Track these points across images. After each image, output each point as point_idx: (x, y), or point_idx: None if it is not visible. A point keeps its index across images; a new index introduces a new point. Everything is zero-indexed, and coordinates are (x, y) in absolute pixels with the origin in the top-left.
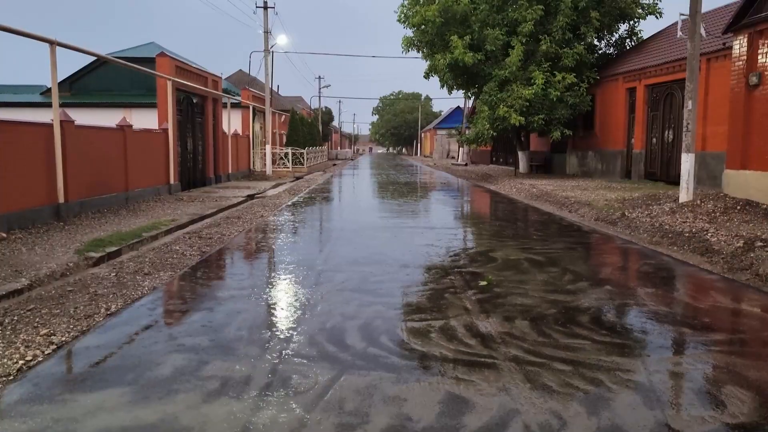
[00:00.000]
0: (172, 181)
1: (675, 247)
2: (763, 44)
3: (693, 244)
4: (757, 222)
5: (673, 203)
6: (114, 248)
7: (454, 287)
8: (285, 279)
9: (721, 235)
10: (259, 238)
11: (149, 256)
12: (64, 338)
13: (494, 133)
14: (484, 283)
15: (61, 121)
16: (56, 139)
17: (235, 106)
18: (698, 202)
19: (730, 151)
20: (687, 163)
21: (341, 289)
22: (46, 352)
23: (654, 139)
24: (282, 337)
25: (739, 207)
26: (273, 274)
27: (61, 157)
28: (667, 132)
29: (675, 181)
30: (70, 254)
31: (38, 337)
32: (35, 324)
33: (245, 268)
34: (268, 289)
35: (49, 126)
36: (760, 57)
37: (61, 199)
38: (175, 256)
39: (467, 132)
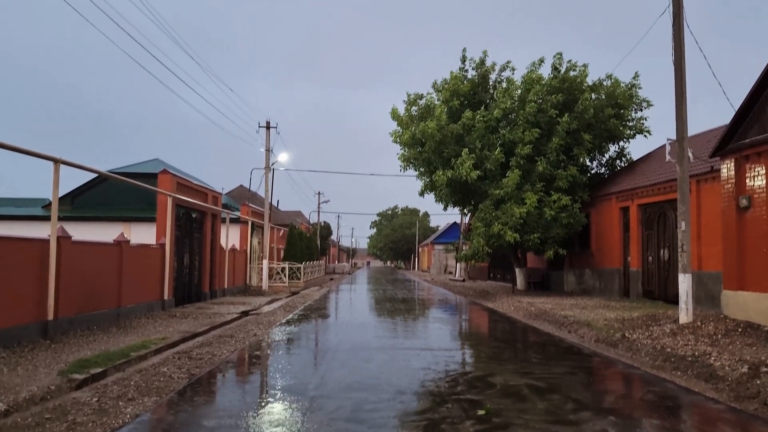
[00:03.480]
0: (165, 297)
1: (678, 372)
2: (750, 168)
3: (696, 369)
4: (759, 345)
5: (673, 324)
6: (99, 369)
7: (451, 417)
8: (275, 406)
9: (725, 359)
10: (251, 360)
11: (135, 378)
12: None
13: (490, 251)
14: (482, 412)
15: (58, 237)
16: (51, 256)
17: (234, 220)
18: (699, 323)
19: (726, 272)
20: (684, 283)
21: (333, 418)
22: None
23: (650, 258)
24: None
25: (740, 329)
26: (263, 401)
27: (55, 274)
28: (662, 250)
29: (673, 300)
30: (53, 376)
31: None
32: None
33: (234, 393)
34: (257, 418)
35: (45, 241)
36: (748, 180)
37: (50, 317)
38: (162, 378)
39: (464, 248)
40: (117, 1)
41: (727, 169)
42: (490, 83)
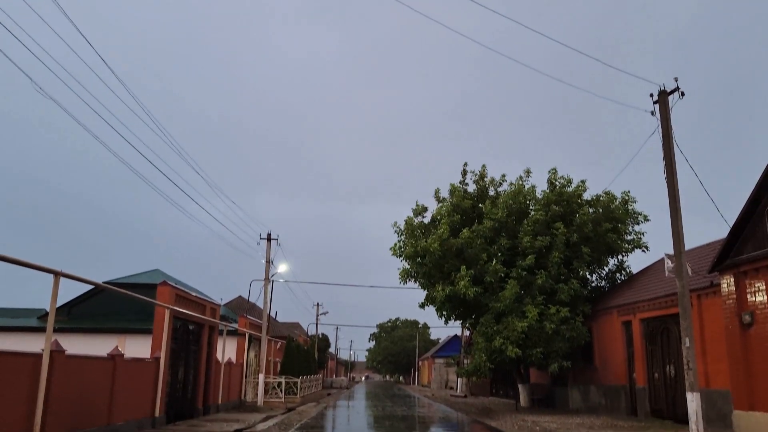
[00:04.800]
0: (157, 414)
1: None
2: (750, 284)
3: None
4: None
5: None
6: None
7: None
8: None
9: None
10: None
11: None
12: None
13: (492, 366)
14: None
15: (51, 351)
16: (43, 371)
17: (231, 332)
18: None
19: (735, 392)
20: (693, 402)
21: None
22: None
23: (656, 374)
24: None
25: None
26: None
27: (45, 390)
28: (668, 366)
29: (683, 419)
30: None
31: None
32: None
33: None
34: None
35: (37, 356)
36: (749, 296)
37: None
38: None
39: (465, 363)
40: (117, 111)
41: (727, 284)
42: (489, 196)
